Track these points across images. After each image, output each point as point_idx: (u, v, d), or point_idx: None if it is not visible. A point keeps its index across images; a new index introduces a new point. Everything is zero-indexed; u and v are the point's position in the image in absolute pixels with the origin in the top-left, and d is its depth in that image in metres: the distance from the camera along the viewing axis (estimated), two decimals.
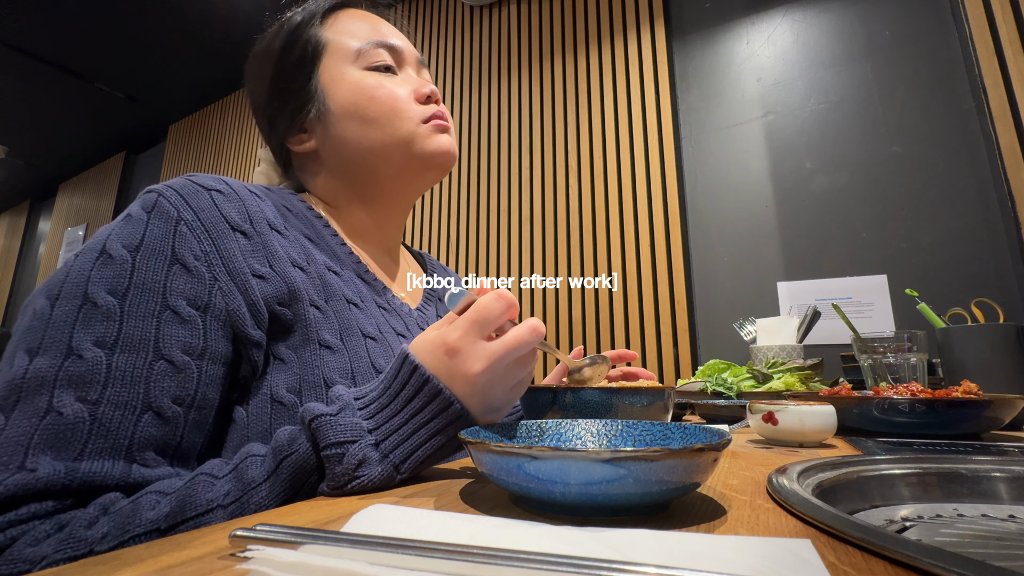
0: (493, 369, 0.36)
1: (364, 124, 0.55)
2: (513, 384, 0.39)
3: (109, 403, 0.34)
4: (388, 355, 0.49)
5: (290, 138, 0.58)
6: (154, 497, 0.33)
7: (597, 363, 0.53)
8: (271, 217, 0.48)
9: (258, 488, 0.33)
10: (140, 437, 0.35)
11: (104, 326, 0.36)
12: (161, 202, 0.41)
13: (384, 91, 0.55)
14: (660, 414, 0.48)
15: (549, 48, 2.23)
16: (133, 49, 3.10)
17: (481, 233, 2.23)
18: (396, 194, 0.60)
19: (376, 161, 0.56)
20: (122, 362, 0.35)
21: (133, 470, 0.34)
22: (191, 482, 0.34)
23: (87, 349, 0.35)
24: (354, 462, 0.33)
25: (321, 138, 0.57)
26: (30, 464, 0.31)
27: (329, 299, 0.48)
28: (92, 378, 0.34)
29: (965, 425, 0.56)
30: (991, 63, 1.32)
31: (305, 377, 0.43)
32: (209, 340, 0.39)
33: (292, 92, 0.57)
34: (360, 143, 0.55)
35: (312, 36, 0.57)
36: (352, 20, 0.59)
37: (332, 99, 0.56)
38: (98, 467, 0.33)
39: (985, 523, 0.30)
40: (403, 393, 0.36)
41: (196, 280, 0.40)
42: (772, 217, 1.72)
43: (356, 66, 0.56)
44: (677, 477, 0.25)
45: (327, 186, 0.59)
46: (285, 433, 0.35)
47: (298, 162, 0.61)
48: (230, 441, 0.41)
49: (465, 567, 0.17)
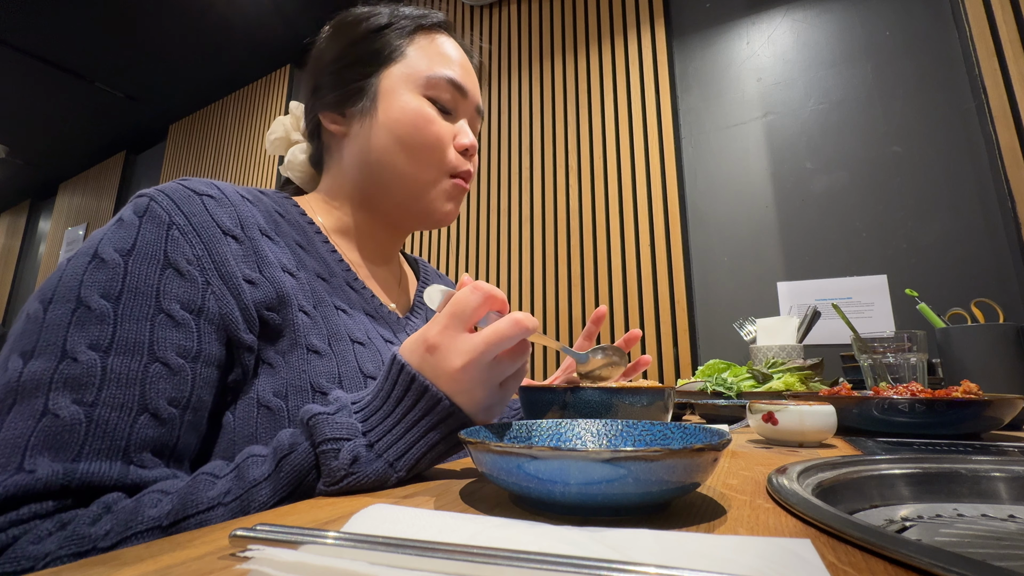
0: (476, 364, 0.36)
1: (399, 145, 0.55)
2: (502, 379, 0.38)
3: (105, 405, 0.34)
4: (376, 360, 0.49)
5: (327, 113, 0.58)
6: (156, 496, 0.33)
7: (613, 362, 0.50)
8: (262, 222, 0.48)
9: (259, 487, 0.33)
10: (137, 438, 0.35)
11: (98, 329, 0.36)
12: (153, 206, 0.41)
13: (433, 129, 0.55)
14: (660, 414, 0.47)
15: (549, 48, 2.23)
16: (133, 49, 3.10)
17: (481, 233, 2.23)
18: (391, 217, 0.60)
19: (391, 182, 0.56)
20: (117, 364, 0.35)
21: (131, 471, 0.35)
22: (193, 481, 0.34)
23: (82, 352, 0.35)
24: (348, 458, 0.33)
25: (354, 132, 0.57)
26: (28, 465, 0.31)
27: (318, 305, 0.48)
28: (87, 380, 0.34)
29: (965, 425, 0.56)
30: (991, 63, 1.32)
31: (292, 382, 0.43)
32: (203, 343, 0.39)
33: (349, 78, 0.57)
34: (386, 159, 0.55)
35: (394, 40, 0.57)
36: (438, 45, 0.59)
37: (382, 107, 0.55)
38: (96, 468, 0.33)
39: (985, 523, 0.30)
40: (394, 394, 0.36)
41: (189, 284, 0.40)
42: (772, 217, 1.72)
43: (419, 90, 0.56)
44: (677, 477, 0.25)
45: (336, 174, 0.60)
46: (286, 434, 0.36)
47: (326, 136, 0.61)
48: (217, 447, 0.41)
49: (465, 567, 0.17)
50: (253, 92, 3.40)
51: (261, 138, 3.23)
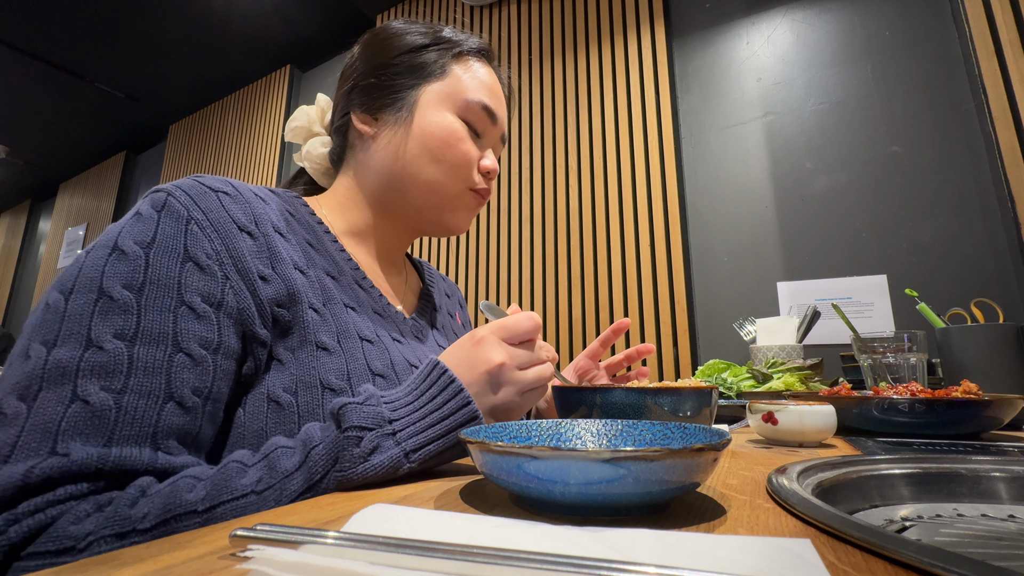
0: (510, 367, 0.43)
1: (428, 155, 0.57)
2: (525, 389, 0.44)
3: (133, 392, 0.35)
4: (384, 358, 0.50)
5: (359, 113, 0.60)
6: (190, 480, 0.34)
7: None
8: (275, 220, 0.49)
9: (291, 477, 0.34)
10: (164, 425, 0.36)
11: (122, 319, 0.36)
12: (171, 201, 0.42)
13: (463, 147, 0.58)
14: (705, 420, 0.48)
15: (549, 48, 2.23)
16: (133, 49, 3.10)
17: (481, 233, 2.23)
18: (406, 223, 0.62)
19: (414, 190, 0.58)
20: (143, 353, 0.36)
21: (159, 457, 0.35)
22: (223, 468, 0.35)
23: (107, 341, 0.35)
24: (369, 447, 0.35)
25: (384, 136, 0.59)
26: (61, 449, 0.32)
27: (327, 303, 0.49)
28: (115, 368, 0.35)
29: (965, 425, 0.56)
30: (991, 63, 1.32)
31: (302, 378, 0.44)
32: (223, 336, 0.40)
33: (390, 85, 0.59)
34: (414, 168, 0.57)
35: (439, 58, 0.60)
36: (479, 71, 0.62)
37: (418, 119, 0.58)
38: (128, 452, 0.34)
39: (985, 523, 0.30)
40: (429, 391, 0.40)
41: (209, 278, 0.41)
42: (772, 217, 1.72)
43: (455, 110, 0.59)
44: (677, 477, 0.25)
45: (356, 174, 0.61)
46: (316, 427, 0.37)
47: (352, 135, 0.62)
48: (228, 441, 0.42)
49: (465, 567, 0.17)
50: (253, 92, 3.41)
51: (261, 138, 3.23)
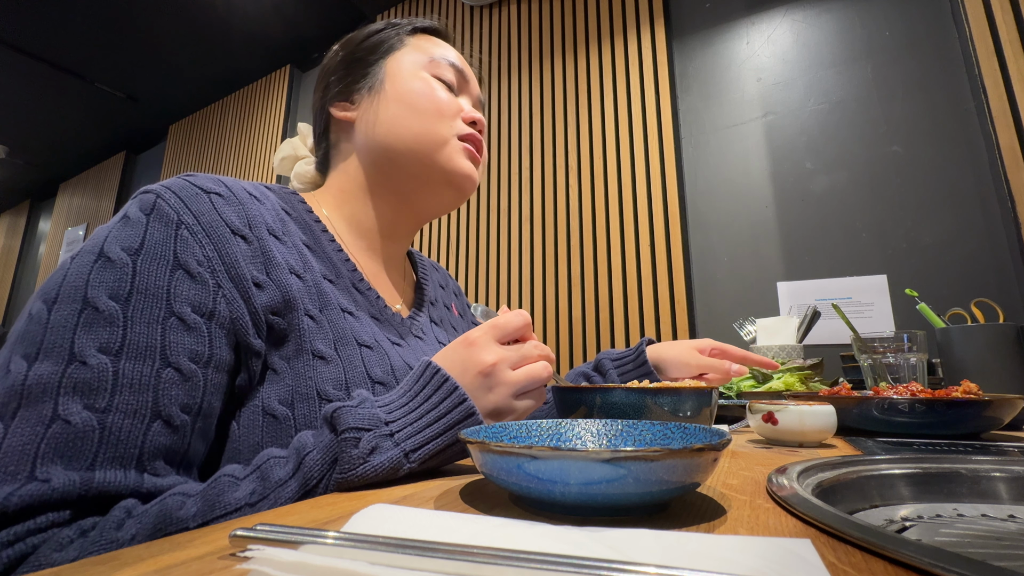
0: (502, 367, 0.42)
1: (409, 111, 0.57)
2: (519, 392, 0.43)
3: (118, 411, 0.33)
4: (384, 364, 0.49)
5: (336, 103, 0.61)
6: (179, 498, 0.32)
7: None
8: (270, 222, 0.47)
9: (285, 486, 0.33)
10: (150, 446, 0.34)
11: (108, 332, 0.34)
12: (160, 204, 0.40)
13: (440, 95, 0.58)
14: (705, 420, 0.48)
15: (549, 48, 2.23)
16: (133, 49, 3.10)
17: (481, 233, 2.23)
18: (409, 197, 0.60)
19: (403, 152, 0.57)
20: (129, 369, 0.34)
21: (145, 479, 0.34)
22: (214, 483, 0.33)
23: (91, 355, 0.33)
24: (368, 447, 0.34)
25: (363, 112, 0.59)
26: (41, 474, 0.30)
27: (324, 308, 0.47)
28: (99, 385, 0.33)
29: (965, 425, 0.56)
30: (991, 63, 1.32)
31: (298, 389, 0.42)
32: (214, 348, 0.38)
33: (356, 64, 0.61)
34: (397, 128, 0.57)
35: (395, 34, 0.62)
36: (436, 41, 0.64)
37: (391, 82, 0.59)
38: (112, 476, 0.32)
39: (985, 523, 0.30)
40: (423, 392, 0.39)
41: (200, 286, 0.39)
42: (772, 217, 1.72)
43: (424, 69, 0.60)
44: (677, 477, 0.25)
45: (347, 168, 0.60)
46: (308, 434, 0.36)
47: (334, 132, 0.63)
48: (223, 456, 0.41)
49: (465, 567, 0.17)
50: (253, 92, 3.40)
51: (261, 138, 3.23)
